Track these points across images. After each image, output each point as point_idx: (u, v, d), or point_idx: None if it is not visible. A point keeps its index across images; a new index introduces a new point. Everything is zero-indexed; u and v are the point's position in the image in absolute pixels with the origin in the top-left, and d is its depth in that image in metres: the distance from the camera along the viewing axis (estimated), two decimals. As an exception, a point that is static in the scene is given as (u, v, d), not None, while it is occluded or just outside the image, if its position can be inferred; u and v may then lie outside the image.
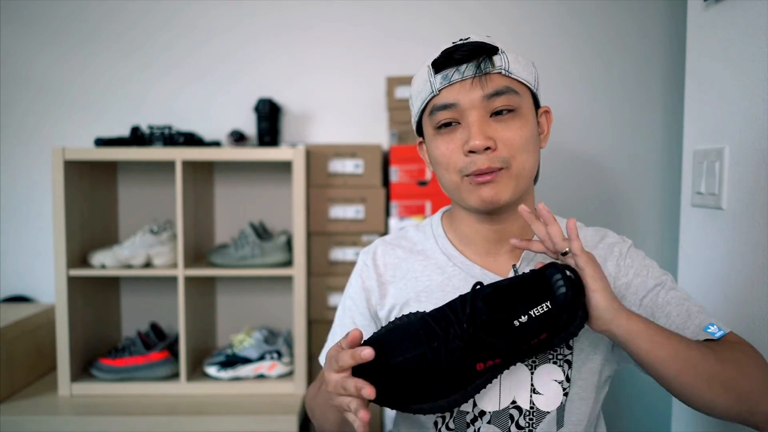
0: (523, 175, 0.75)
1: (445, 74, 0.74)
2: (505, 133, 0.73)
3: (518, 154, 0.74)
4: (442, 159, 0.77)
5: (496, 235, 0.81)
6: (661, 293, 0.79)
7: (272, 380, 1.49)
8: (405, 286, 0.84)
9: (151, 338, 1.53)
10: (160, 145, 1.50)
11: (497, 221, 0.80)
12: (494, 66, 0.73)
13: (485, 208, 0.76)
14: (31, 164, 1.72)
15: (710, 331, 0.74)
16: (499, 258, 0.82)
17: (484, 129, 0.72)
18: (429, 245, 0.87)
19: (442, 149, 0.76)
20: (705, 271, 1.14)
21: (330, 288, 1.55)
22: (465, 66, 0.73)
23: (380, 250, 0.89)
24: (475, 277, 0.81)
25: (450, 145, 0.75)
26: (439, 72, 0.74)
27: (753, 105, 1.00)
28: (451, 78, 0.73)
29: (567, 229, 0.71)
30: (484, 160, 0.73)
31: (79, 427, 1.32)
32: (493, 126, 0.73)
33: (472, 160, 0.73)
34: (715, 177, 1.09)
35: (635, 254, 0.83)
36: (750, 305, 1.00)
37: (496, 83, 0.73)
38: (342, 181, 1.57)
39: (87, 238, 1.52)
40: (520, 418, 0.77)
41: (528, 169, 0.76)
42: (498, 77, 0.73)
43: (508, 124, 0.74)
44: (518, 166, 0.74)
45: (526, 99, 0.76)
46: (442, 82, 0.74)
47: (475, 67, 0.72)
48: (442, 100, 0.75)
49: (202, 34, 1.73)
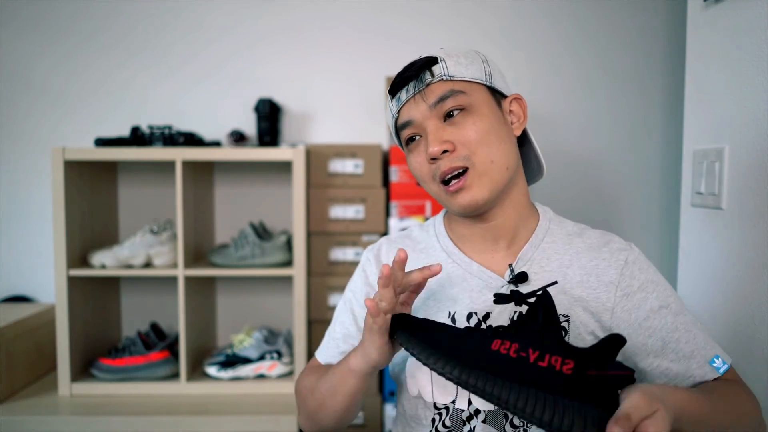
0: (493, 169, 0.76)
1: (398, 97, 0.80)
2: (460, 132, 0.76)
3: (478, 149, 0.75)
4: (416, 172, 0.81)
5: (490, 233, 0.82)
6: (668, 317, 0.78)
7: (272, 380, 1.49)
8: None
9: (151, 338, 1.53)
10: (160, 145, 1.50)
11: (488, 219, 0.81)
12: (434, 76, 0.77)
13: (467, 212, 0.78)
14: (31, 164, 1.72)
15: (715, 365, 0.76)
16: (496, 255, 0.83)
17: (439, 135, 0.76)
18: (431, 243, 0.88)
19: (413, 163, 0.81)
20: (705, 271, 1.14)
21: (330, 288, 1.55)
22: (411, 84, 0.78)
23: (384, 248, 0.91)
24: (473, 273, 0.82)
25: (418, 158, 0.79)
26: (394, 96, 0.81)
27: (753, 105, 1.00)
28: (401, 98, 0.79)
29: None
30: (446, 163, 0.76)
31: (79, 427, 1.32)
32: (448, 129, 0.76)
33: (437, 165, 0.77)
34: (715, 177, 1.09)
35: (643, 265, 0.81)
36: (750, 305, 1.00)
37: (437, 91, 0.76)
38: (342, 181, 1.57)
39: (87, 238, 1.52)
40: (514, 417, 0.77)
41: (498, 162, 0.76)
42: (440, 84, 0.77)
43: (460, 124, 0.76)
44: (482, 160, 0.75)
45: (478, 95, 0.78)
46: (397, 104, 0.80)
47: (416, 83, 0.77)
48: (402, 120, 0.80)
49: (203, 35, 1.73)
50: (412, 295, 0.74)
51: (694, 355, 0.76)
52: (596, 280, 0.79)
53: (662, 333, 0.77)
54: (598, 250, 0.82)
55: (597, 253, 0.81)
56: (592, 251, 0.82)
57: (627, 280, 0.79)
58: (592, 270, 0.80)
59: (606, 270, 0.80)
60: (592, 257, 0.81)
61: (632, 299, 0.78)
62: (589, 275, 0.79)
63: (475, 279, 0.81)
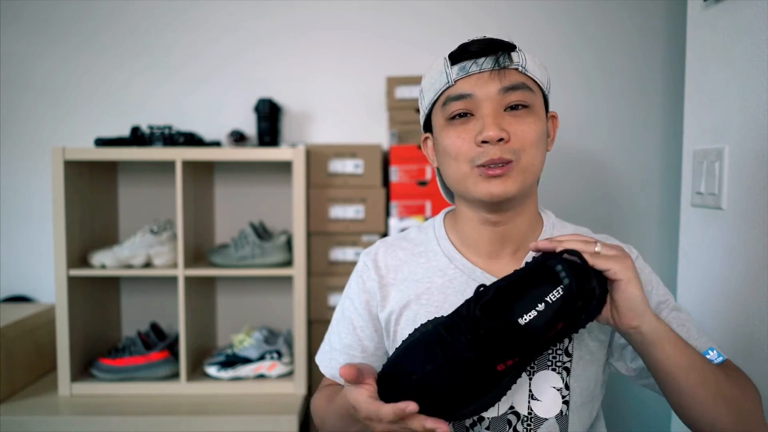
0: (531, 171, 0.76)
1: (462, 66, 0.75)
2: (519, 126, 0.74)
3: (529, 149, 0.74)
4: (452, 149, 0.76)
5: (498, 237, 0.81)
6: (664, 312, 0.79)
7: (272, 380, 1.49)
8: (406, 288, 0.84)
9: (151, 338, 1.53)
10: (160, 145, 1.50)
11: (500, 222, 0.80)
12: (512, 61, 0.74)
13: (491, 200, 0.76)
14: (31, 164, 1.72)
15: (710, 356, 0.75)
16: (501, 260, 0.82)
17: (499, 121, 0.73)
18: (431, 247, 0.86)
19: (453, 138, 0.76)
20: (705, 271, 1.14)
21: (330, 288, 1.55)
22: (483, 59, 0.74)
23: (382, 252, 0.88)
24: (476, 279, 0.80)
25: (462, 135, 0.75)
26: (456, 63, 0.75)
27: (753, 105, 1.00)
28: (469, 70, 0.75)
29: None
30: (497, 151, 0.73)
31: (79, 427, 1.32)
32: (507, 119, 0.74)
33: (485, 150, 0.73)
34: (715, 177, 1.09)
35: (641, 266, 0.83)
36: (750, 305, 1.00)
37: (512, 78, 0.74)
38: (342, 181, 1.57)
39: (87, 238, 1.52)
40: (518, 424, 0.77)
41: (536, 166, 0.76)
42: (515, 73, 0.75)
43: (522, 119, 0.74)
44: (528, 160, 0.74)
45: (539, 98, 0.77)
46: (459, 73, 0.75)
47: (494, 61, 0.74)
48: (458, 91, 0.75)
49: (203, 35, 1.73)
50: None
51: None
52: None
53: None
54: None
55: None
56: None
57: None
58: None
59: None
60: None
61: None
62: None
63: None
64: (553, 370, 0.77)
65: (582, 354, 0.78)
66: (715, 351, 0.76)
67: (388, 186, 1.56)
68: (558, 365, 0.77)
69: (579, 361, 0.78)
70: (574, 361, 0.78)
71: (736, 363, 0.98)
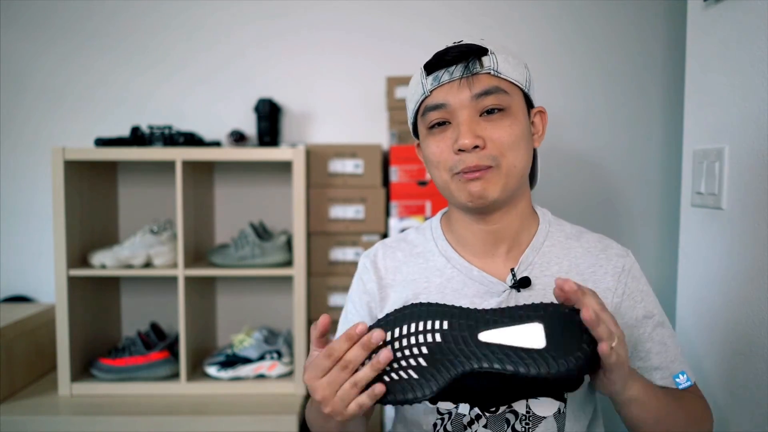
0: (513, 174, 0.76)
1: (435, 75, 0.76)
2: (495, 131, 0.74)
3: (508, 152, 0.74)
4: (433, 158, 0.78)
5: (491, 237, 0.81)
6: (648, 327, 0.81)
7: (272, 380, 1.49)
8: (405, 289, 0.84)
9: (151, 338, 1.53)
10: (160, 145, 1.50)
11: (491, 221, 0.80)
12: (483, 66, 0.74)
13: (474, 204, 0.76)
14: (31, 164, 1.72)
15: (678, 380, 0.78)
16: (496, 259, 0.82)
17: (473, 128, 0.73)
18: (429, 247, 0.87)
19: (432, 148, 0.78)
20: (705, 271, 1.14)
21: (330, 288, 1.55)
22: (454, 67, 0.74)
23: (381, 253, 0.89)
24: (473, 279, 0.81)
25: (441, 144, 0.76)
26: (431, 74, 0.76)
27: (753, 105, 1.00)
28: (441, 79, 0.75)
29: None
30: (473, 158, 0.74)
31: (79, 427, 1.32)
32: (482, 125, 0.74)
33: (461, 158, 0.74)
34: (715, 177, 1.09)
35: (637, 274, 0.83)
36: (750, 305, 1.00)
37: (484, 83, 0.74)
38: (342, 181, 1.57)
39: (87, 238, 1.52)
40: (516, 423, 0.77)
41: (519, 168, 0.76)
42: (486, 77, 0.74)
43: (497, 123, 0.74)
44: (508, 164, 0.75)
45: (517, 99, 0.77)
46: (433, 83, 0.76)
47: (464, 68, 0.74)
48: (433, 101, 0.76)
49: (202, 35, 1.73)
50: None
51: (661, 367, 0.80)
52: (593, 287, 0.78)
53: (637, 340, 0.80)
54: (596, 257, 0.82)
55: (595, 259, 0.82)
56: (590, 257, 0.82)
57: (622, 287, 0.81)
58: (590, 276, 0.81)
59: (603, 277, 0.81)
60: (590, 263, 0.82)
61: (622, 306, 0.80)
62: (587, 282, 0.80)
63: (475, 284, 0.81)
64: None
65: None
66: (684, 375, 0.79)
67: (388, 186, 1.56)
68: None
69: None
70: None
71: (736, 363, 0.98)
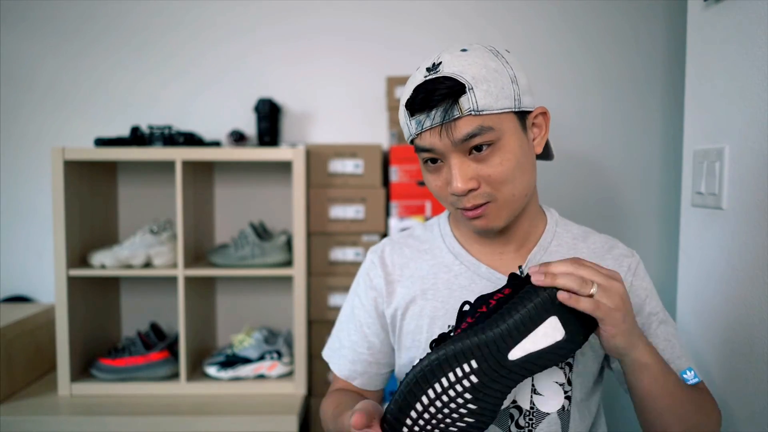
0: (513, 201, 0.75)
1: (418, 120, 0.73)
2: (486, 170, 0.72)
3: (503, 187, 0.73)
4: (432, 189, 0.79)
5: (500, 237, 0.82)
6: (653, 324, 0.81)
7: (272, 380, 1.49)
8: (412, 284, 0.85)
9: (151, 338, 1.53)
10: (160, 145, 1.50)
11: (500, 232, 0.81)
12: (462, 110, 0.69)
13: (481, 234, 0.78)
14: (31, 164, 1.72)
15: (686, 377, 0.77)
16: (505, 256, 0.83)
17: (464, 172, 0.72)
18: (436, 244, 0.87)
19: (431, 184, 0.78)
20: (705, 271, 1.14)
21: (330, 288, 1.55)
22: (434, 111, 0.70)
23: (388, 249, 0.90)
24: (481, 276, 0.81)
25: (437, 182, 0.76)
26: (413, 116, 0.73)
27: (753, 105, 1.00)
28: (423, 125, 0.72)
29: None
30: (469, 200, 0.74)
31: (79, 427, 1.32)
32: (473, 166, 0.72)
33: (458, 199, 0.74)
34: (715, 177, 1.09)
35: (641, 273, 0.84)
36: (750, 305, 1.00)
37: (465, 127, 0.70)
38: (342, 181, 1.57)
39: (87, 238, 1.52)
40: (520, 418, 0.77)
41: (518, 195, 0.75)
42: (467, 120, 0.70)
43: (487, 162, 0.72)
44: (506, 195, 0.74)
45: (507, 124, 0.72)
46: (417, 127, 0.73)
47: (443, 113, 0.70)
48: (421, 143, 0.74)
49: (202, 35, 1.73)
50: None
51: (668, 363, 0.79)
52: None
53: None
54: (602, 257, 0.83)
55: (601, 260, 0.82)
56: (596, 257, 0.83)
57: (627, 287, 0.80)
58: None
59: None
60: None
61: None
62: None
63: (483, 281, 0.81)
64: (556, 365, 0.77)
65: (584, 350, 0.79)
66: (692, 372, 0.78)
67: (388, 186, 1.56)
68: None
69: (581, 357, 0.79)
70: (576, 357, 0.78)
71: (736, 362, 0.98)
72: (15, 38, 1.71)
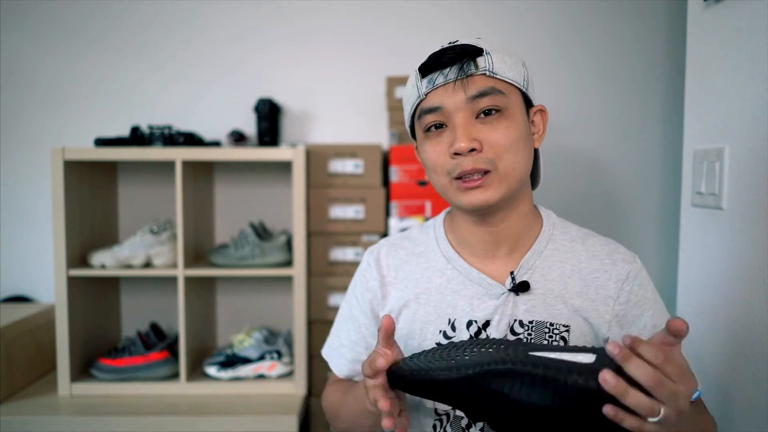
0: (512, 176, 0.74)
1: (430, 78, 0.74)
2: (491, 134, 0.72)
3: (505, 155, 0.73)
4: (429, 162, 0.77)
5: (493, 238, 0.80)
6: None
7: (272, 380, 1.49)
8: (405, 288, 0.84)
9: (151, 338, 1.53)
10: (160, 145, 1.50)
11: (492, 223, 0.79)
12: (478, 68, 0.72)
13: (474, 209, 0.75)
14: (31, 164, 1.72)
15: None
16: (497, 261, 0.81)
17: (470, 131, 0.72)
18: (430, 247, 0.86)
19: (429, 152, 0.76)
20: (705, 271, 1.14)
21: (330, 288, 1.55)
22: (449, 69, 0.73)
23: (384, 251, 0.89)
24: (472, 280, 0.80)
25: (437, 148, 0.75)
26: (425, 76, 0.75)
27: (753, 105, 1.00)
28: (436, 81, 0.73)
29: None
30: (470, 162, 0.72)
31: (79, 427, 1.32)
32: (478, 127, 0.72)
33: (458, 162, 0.73)
34: (715, 177, 1.09)
35: (643, 281, 0.80)
36: (750, 305, 1.00)
37: (479, 85, 0.72)
38: (342, 181, 1.57)
39: (87, 238, 1.52)
40: None
41: (518, 170, 0.74)
42: (482, 78, 0.72)
43: (493, 125, 0.72)
44: (505, 166, 0.73)
45: (514, 99, 0.75)
46: (428, 86, 0.74)
47: (458, 70, 0.72)
48: (428, 104, 0.75)
49: (203, 35, 1.73)
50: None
51: None
52: (595, 293, 0.78)
53: None
54: (601, 261, 0.80)
55: (599, 264, 0.80)
56: (594, 261, 0.80)
57: (625, 295, 0.78)
58: (592, 282, 0.79)
59: (606, 283, 0.79)
60: (593, 268, 0.80)
61: (628, 315, 0.78)
62: (589, 287, 0.78)
63: (474, 286, 0.80)
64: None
65: None
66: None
67: (388, 186, 1.56)
68: None
69: None
70: None
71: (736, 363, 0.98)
72: (11, 38, 1.71)
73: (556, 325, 0.76)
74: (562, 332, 0.76)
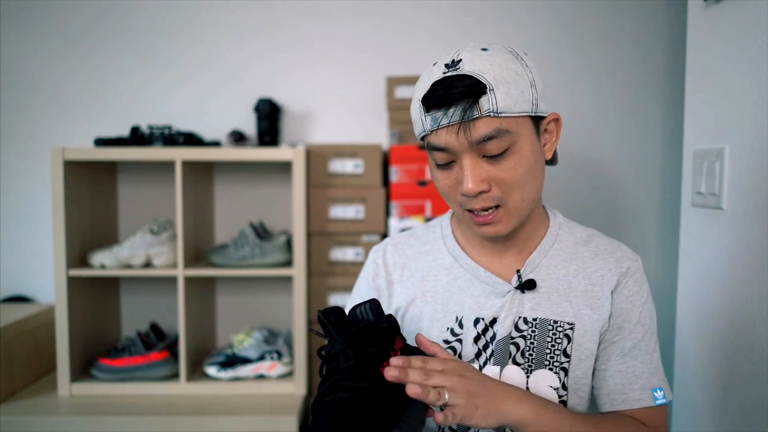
0: (522, 207, 0.75)
1: (433, 116, 0.71)
2: (499, 173, 0.72)
3: (513, 192, 0.73)
4: (441, 190, 0.78)
5: (501, 240, 0.81)
6: (638, 334, 0.80)
7: (272, 380, 1.49)
8: (412, 285, 0.85)
9: (151, 338, 1.53)
10: (160, 145, 1.50)
11: None
12: (482, 110, 0.68)
13: (487, 239, 0.78)
14: (31, 164, 1.72)
15: (656, 395, 0.79)
16: (504, 260, 0.83)
17: (477, 173, 0.71)
18: (437, 245, 0.87)
19: (441, 182, 0.76)
20: (705, 271, 1.14)
21: (330, 288, 1.55)
22: (452, 110, 0.69)
23: (390, 249, 0.90)
24: (479, 279, 0.81)
25: (447, 181, 0.75)
26: (429, 112, 0.71)
27: (753, 105, 1.00)
28: (440, 122, 0.70)
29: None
30: (479, 202, 0.73)
31: (79, 427, 1.32)
32: (486, 168, 0.72)
33: (468, 199, 0.73)
34: (715, 177, 1.09)
35: (640, 279, 0.82)
36: (750, 305, 1.00)
37: (482, 130, 0.69)
38: (342, 181, 1.57)
39: (87, 238, 1.52)
40: None
41: (527, 200, 0.75)
42: (487, 121, 0.69)
43: (501, 165, 0.71)
44: (514, 202, 0.74)
45: (523, 128, 0.72)
46: (432, 124, 0.71)
47: (462, 112, 0.68)
48: (435, 142, 0.73)
49: (203, 34, 1.73)
50: None
51: (642, 376, 0.79)
52: (600, 290, 0.80)
53: (627, 343, 0.80)
54: (604, 259, 0.82)
55: (602, 262, 0.82)
56: (598, 259, 0.82)
57: (621, 288, 0.81)
58: (597, 280, 0.81)
59: (609, 280, 0.81)
60: (597, 266, 0.82)
61: (620, 306, 0.80)
62: (594, 285, 0.80)
63: (481, 284, 0.81)
64: (551, 369, 0.77)
65: (581, 355, 0.78)
66: (661, 391, 0.79)
67: (388, 186, 1.56)
68: (555, 365, 0.77)
69: (578, 363, 0.78)
70: (572, 362, 0.78)
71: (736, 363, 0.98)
72: (12, 38, 1.71)
73: (560, 322, 0.78)
74: (566, 330, 0.78)
